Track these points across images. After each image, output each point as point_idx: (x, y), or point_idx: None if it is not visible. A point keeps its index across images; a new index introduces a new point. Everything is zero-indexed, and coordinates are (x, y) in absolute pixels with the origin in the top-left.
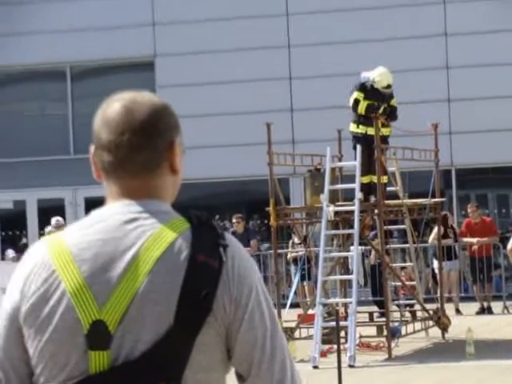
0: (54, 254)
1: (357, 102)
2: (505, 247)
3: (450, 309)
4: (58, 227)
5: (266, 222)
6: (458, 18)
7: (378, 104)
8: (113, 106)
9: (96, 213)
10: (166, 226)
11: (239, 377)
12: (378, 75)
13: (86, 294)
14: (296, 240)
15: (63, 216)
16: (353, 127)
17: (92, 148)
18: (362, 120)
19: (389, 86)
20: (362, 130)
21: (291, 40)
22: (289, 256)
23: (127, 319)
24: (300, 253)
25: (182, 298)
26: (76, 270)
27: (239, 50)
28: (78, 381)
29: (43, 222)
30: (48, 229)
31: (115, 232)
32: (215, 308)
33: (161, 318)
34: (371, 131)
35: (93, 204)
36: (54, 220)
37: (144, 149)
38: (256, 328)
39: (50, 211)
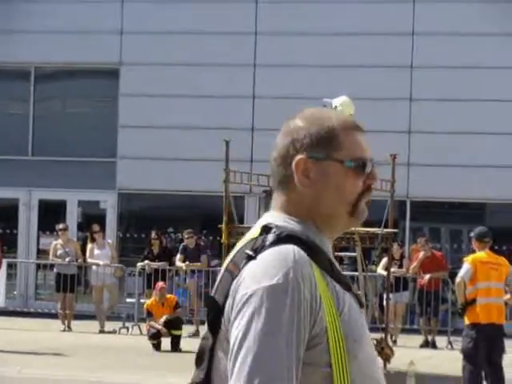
0: None
1: None
2: (454, 282)
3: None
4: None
5: (218, 238)
6: (424, 52)
7: None
8: None
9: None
10: (248, 237)
11: None
12: (340, 104)
13: None
14: None
15: (16, 217)
16: None
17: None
18: None
19: (350, 116)
20: None
21: (257, 59)
22: None
23: None
24: None
25: (212, 303)
26: None
27: (206, 65)
28: None
29: None
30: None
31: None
32: (225, 313)
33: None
34: None
35: (46, 206)
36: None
37: (274, 163)
38: (233, 337)
39: (3, 211)
